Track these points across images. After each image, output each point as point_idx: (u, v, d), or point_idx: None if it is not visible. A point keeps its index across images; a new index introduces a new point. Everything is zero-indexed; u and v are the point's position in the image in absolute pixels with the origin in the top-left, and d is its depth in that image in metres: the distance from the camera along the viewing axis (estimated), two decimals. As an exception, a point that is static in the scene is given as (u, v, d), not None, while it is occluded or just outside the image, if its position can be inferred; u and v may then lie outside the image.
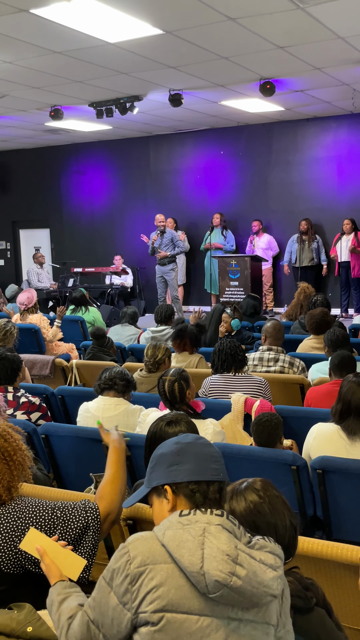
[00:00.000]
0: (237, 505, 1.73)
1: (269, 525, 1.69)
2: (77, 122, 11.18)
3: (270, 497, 1.74)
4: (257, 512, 1.70)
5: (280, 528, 1.70)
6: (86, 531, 2.16)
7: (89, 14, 5.82)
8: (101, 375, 3.92)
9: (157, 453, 1.73)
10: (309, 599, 1.67)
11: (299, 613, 1.65)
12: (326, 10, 5.88)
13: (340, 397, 3.19)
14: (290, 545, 1.73)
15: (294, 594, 1.65)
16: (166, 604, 1.47)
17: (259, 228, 11.76)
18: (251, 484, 1.77)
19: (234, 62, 7.62)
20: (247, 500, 1.73)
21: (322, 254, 11.29)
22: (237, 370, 4.43)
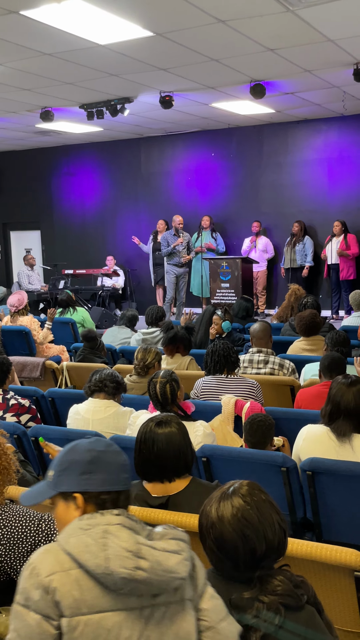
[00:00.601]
0: (224, 512, 1.72)
1: (257, 533, 1.69)
2: (67, 124, 11.16)
3: (257, 502, 1.73)
4: (246, 520, 1.70)
5: (269, 534, 1.70)
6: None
7: (79, 16, 5.82)
8: (91, 378, 3.91)
9: (69, 458, 1.74)
10: (300, 597, 1.68)
11: (290, 611, 1.65)
12: (316, 13, 5.89)
13: (330, 399, 3.20)
14: (280, 546, 1.73)
15: (285, 593, 1.66)
16: (80, 608, 1.51)
17: (259, 229, 11.76)
18: (237, 490, 1.76)
19: (224, 64, 7.63)
20: (233, 507, 1.72)
21: (309, 255, 11.29)
22: (230, 372, 4.44)
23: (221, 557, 1.71)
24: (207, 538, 1.74)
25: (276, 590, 1.65)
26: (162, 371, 3.55)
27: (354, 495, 3.01)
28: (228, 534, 1.69)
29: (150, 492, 2.56)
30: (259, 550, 1.68)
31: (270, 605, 1.63)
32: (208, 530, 1.74)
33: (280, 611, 1.63)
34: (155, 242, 12.34)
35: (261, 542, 1.68)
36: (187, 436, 2.62)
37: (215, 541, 1.71)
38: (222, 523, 1.71)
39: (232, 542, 1.69)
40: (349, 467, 2.98)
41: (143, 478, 2.60)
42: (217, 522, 1.71)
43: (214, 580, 1.75)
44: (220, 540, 1.70)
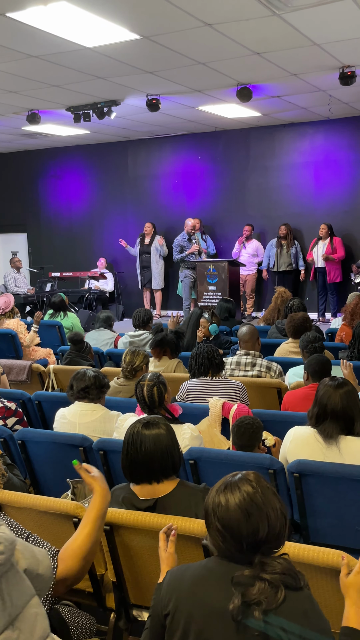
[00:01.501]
0: (231, 497, 1.79)
1: (261, 514, 1.76)
2: (54, 127, 11.14)
3: (262, 487, 1.82)
4: (251, 500, 1.78)
5: (272, 517, 1.78)
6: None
7: (66, 18, 5.81)
8: (72, 385, 3.87)
9: None
10: (299, 579, 1.76)
11: (289, 589, 1.72)
12: (302, 17, 5.92)
13: (317, 401, 3.20)
14: (280, 533, 1.81)
15: (285, 572, 1.74)
16: None
17: (250, 233, 11.78)
18: (245, 476, 1.85)
19: (211, 67, 7.65)
20: (241, 490, 1.80)
21: (300, 259, 11.36)
22: (215, 375, 4.44)
23: (225, 535, 1.78)
24: (212, 517, 1.81)
25: (276, 569, 1.74)
26: (150, 374, 3.55)
27: (341, 498, 3.02)
28: (234, 512, 1.77)
29: (137, 494, 2.55)
30: (261, 531, 1.76)
31: (271, 582, 1.70)
32: (214, 509, 1.81)
33: (281, 589, 1.70)
34: (142, 245, 12.34)
35: (264, 523, 1.76)
36: (175, 438, 2.62)
37: (221, 519, 1.78)
38: (229, 502, 1.79)
39: (236, 519, 1.76)
40: (335, 469, 2.98)
41: (130, 480, 2.60)
42: (224, 501, 1.80)
43: (215, 564, 1.82)
44: (226, 518, 1.78)
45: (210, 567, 1.84)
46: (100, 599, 2.78)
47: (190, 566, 1.90)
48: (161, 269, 12.39)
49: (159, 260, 12.31)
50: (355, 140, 11.18)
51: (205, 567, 1.85)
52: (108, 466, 3.57)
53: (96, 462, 3.63)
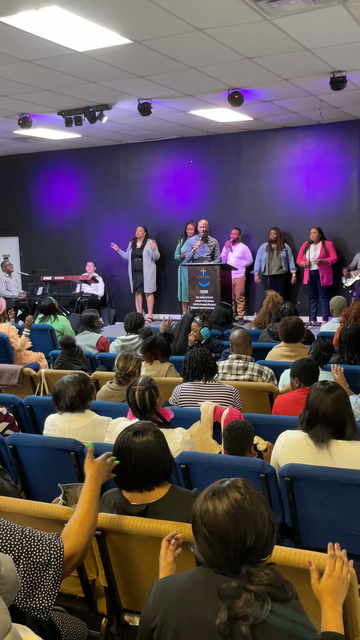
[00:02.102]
0: (219, 504, 1.77)
1: (249, 521, 1.74)
2: (46, 130, 11.14)
3: (251, 494, 1.79)
4: (239, 507, 1.75)
5: (259, 525, 1.75)
6: (47, 568, 2.08)
7: (58, 23, 5.81)
8: (57, 396, 3.84)
9: None
10: (286, 590, 1.72)
11: (276, 602, 1.69)
12: (292, 22, 5.95)
13: (308, 405, 3.21)
14: (268, 542, 1.78)
15: (272, 583, 1.70)
16: None
17: (237, 236, 11.82)
18: (233, 482, 1.83)
19: (202, 72, 7.67)
20: (229, 497, 1.77)
21: (291, 262, 11.40)
22: (208, 379, 4.45)
23: (212, 542, 1.75)
24: (200, 524, 1.78)
25: (263, 581, 1.70)
26: (141, 378, 3.54)
27: (332, 501, 3.03)
28: (221, 519, 1.74)
29: (129, 500, 2.55)
30: (249, 539, 1.72)
31: (258, 594, 1.67)
32: (202, 515, 1.78)
33: (268, 601, 1.67)
34: (134, 248, 12.34)
35: (252, 530, 1.73)
36: (165, 444, 2.62)
37: (208, 526, 1.75)
38: (216, 509, 1.76)
39: (224, 527, 1.73)
40: (327, 472, 2.99)
41: (122, 488, 2.59)
42: (212, 508, 1.77)
43: (202, 575, 1.79)
44: (214, 525, 1.75)
45: (197, 579, 1.80)
46: (92, 604, 2.77)
47: (176, 577, 1.87)
48: (153, 273, 12.40)
49: (151, 264, 12.31)
50: (346, 144, 11.23)
51: (192, 578, 1.81)
52: (99, 471, 3.57)
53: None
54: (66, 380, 3.84)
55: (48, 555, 2.09)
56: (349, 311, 6.16)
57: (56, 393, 3.83)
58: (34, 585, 2.06)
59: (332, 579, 1.94)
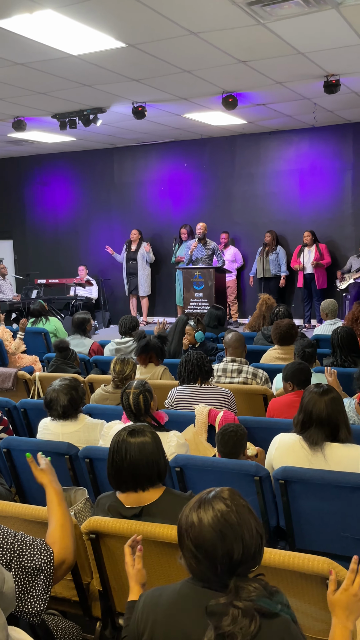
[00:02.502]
0: (204, 515, 1.73)
1: (235, 535, 1.70)
2: (40, 134, 11.13)
3: (237, 506, 1.75)
4: (225, 521, 1.71)
5: (247, 537, 1.71)
6: (38, 573, 2.07)
7: (52, 26, 5.82)
8: (50, 407, 3.83)
9: None
10: (274, 605, 1.68)
11: (265, 617, 1.65)
12: (286, 26, 5.97)
13: (302, 408, 3.22)
14: (256, 553, 1.74)
15: (259, 600, 1.66)
16: None
17: (227, 240, 11.85)
18: (219, 493, 1.77)
19: (196, 75, 7.69)
20: (214, 509, 1.73)
21: (283, 265, 11.40)
22: (203, 382, 4.46)
23: (199, 557, 1.71)
24: (185, 538, 1.74)
25: (251, 596, 1.66)
26: (135, 381, 3.54)
27: (326, 504, 3.03)
28: (207, 534, 1.70)
29: (123, 502, 2.55)
30: (236, 552, 1.69)
31: (246, 612, 1.63)
32: (187, 530, 1.74)
33: (256, 618, 1.63)
34: (129, 251, 12.34)
35: (239, 544, 1.69)
36: (161, 445, 2.62)
37: (195, 540, 1.71)
38: (202, 523, 1.71)
39: (211, 541, 1.69)
40: (321, 475, 3.00)
41: (116, 488, 2.59)
42: (197, 521, 1.72)
43: (190, 590, 1.75)
44: (200, 540, 1.70)
45: (184, 594, 1.76)
46: (86, 608, 2.77)
47: (164, 591, 1.83)
48: (148, 276, 12.40)
49: (146, 267, 12.31)
50: (340, 148, 11.27)
51: (179, 593, 1.78)
52: (94, 474, 3.57)
53: (82, 470, 3.63)
54: (57, 388, 3.81)
55: (39, 560, 2.07)
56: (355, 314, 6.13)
57: (48, 401, 3.81)
58: (26, 590, 2.05)
59: (348, 594, 1.85)
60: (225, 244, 11.82)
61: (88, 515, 2.96)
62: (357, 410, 3.90)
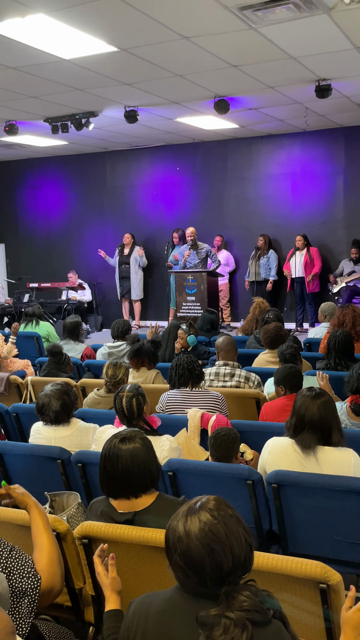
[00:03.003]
0: (192, 528, 1.71)
1: (224, 548, 1.68)
2: (32, 137, 11.13)
3: (224, 517, 1.73)
4: (213, 534, 1.69)
5: (236, 549, 1.69)
6: (23, 596, 2.02)
7: (44, 30, 5.82)
8: (42, 412, 3.82)
9: None
10: (266, 612, 1.67)
11: (257, 626, 1.64)
12: (277, 31, 5.99)
13: (295, 412, 3.22)
14: (246, 562, 1.73)
15: (251, 609, 1.65)
16: None
17: (221, 243, 11.86)
18: (205, 504, 1.75)
19: (188, 79, 7.70)
20: (201, 521, 1.71)
21: (273, 269, 11.40)
22: (194, 385, 4.46)
23: (188, 572, 1.69)
24: (173, 553, 1.72)
25: (242, 606, 1.64)
26: (129, 385, 3.54)
27: (319, 508, 3.04)
28: (195, 548, 1.68)
29: (116, 508, 2.54)
30: (225, 565, 1.67)
31: (237, 622, 1.62)
32: (175, 545, 1.72)
33: (248, 627, 1.62)
34: (121, 255, 12.34)
35: (228, 557, 1.67)
36: (152, 451, 2.61)
37: (183, 556, 1.69)
38: (189, 537, 1.69)
39: (199, 556, 1.67)
40: (313, 479, 3.00)
41: (108, 495, 2.58)
42: (184, 536, 1.70)
43: (180, 597, 1.74)
44: (188, 555, 1.68)
45: (175, 602, 1.75)
46: (79, 613, 2.76)
47: (154, 599, 1.81)
48: (140, 280, 12.40)
49: (138, 271, 12.31)
50: (331, 152, 11.31)
51: (169, 601, 1.76)
52: (87, 478, 3.56)
53: (74, 475, 3.62)
54: (49, 393, 3.80)
55: (26, 584, 2.03)
56: (342, 318, 6.14)
57: (40, 406, 3.80)
58: (11, 609, 2.01)
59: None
60: (218, 247, 11.83)
61: (81, 520, 2.95)
62: (348, 414, 3.91)
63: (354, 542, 2.99)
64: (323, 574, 2.16)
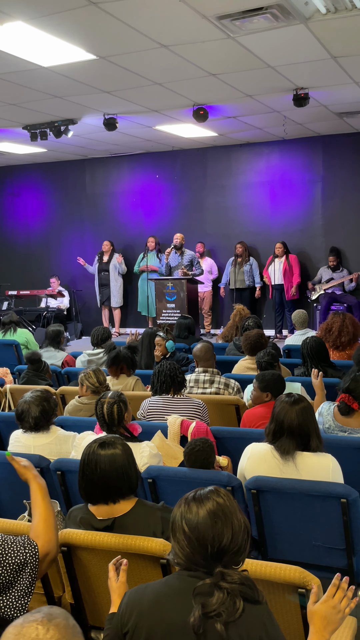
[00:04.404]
0: (201, 504, 1.86)
1: (226, 520, 1.84)
2: (10, 145, 11.09)
3: (231, 501, 1.90)
4: (219, 507, 1.86)
5: (235, 526, 1.84)
6: (24, 568, 2.12)
7: (22, 38, 5.81)
8: (21, 419, 3.80)
9: None
10: (257, 590, 1.80)
11: (247, 602, 1.76)
12: (255, 40, 6.05)
13: (274, 417, 3.24)
14: (242, 546, 1.85)
15: (243, 582, 1.78)
16: None
17: (203, 250, 11.88)
18: (216, 489, 1.93)
19: (167, 88, 7.74)
20: (211, 499, 1.88)
21: (257, 276, 11.48)
22: (176, 392, 4.45)
23: (192, 539, 1.82)
24: (180, 521, 1.86)
25: (235, 579, 1.78)
26: (111, 392, 3.54)
27: (298, 513, 3.05)
28: (202, 516, 1.84)
29: (95, 514, 2.54)
30: (225, 537, 1.82)
31: (230, 592, 1.75)
32: (183, 514, 1.87)
33: (239, 599, 1.74)
34: (100, 262, 12.32)
35: (228, 530, 1.83)
36: (132, 457, 2.61)
37: (189, 522, 1.84)
38: (199, 508, 1.86)
39: (204, 523, 1.83)
40: (292, 484, 3.02)
41: (87, 500, 2.58)
42: (194, 506, 1.87)
43: (176, 580, 1.86)
44: (194, 521, 1.84)
45: (170, 584, 1.86)
46: (58, 622, 2.73)
47: (149, 584, 1.92)
48: (120, 287, 12.38)
49: (118, 278, 12.30)
50: (309, 160, 11.41)
51: (165, 583, 1.88)
52: (66, 486, 3.54)
53: (54, 483, 3.60)
54: (28, 399, 3.79)
55: (23, 554, 2.13)
56: (329, 325, 6.13)
57: (19, 413, 3.79)
58: (9, 585, 2.08)
59: (327, 605, 1.93)
60: (201, 254, 11.84)
61: (60, 528, 2.94)
62: (335, 415, 3.92)
63: (333, 547, 3.01)
64: (302, 579, 2.17)
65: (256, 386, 4.29)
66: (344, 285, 10.85)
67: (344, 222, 11.23)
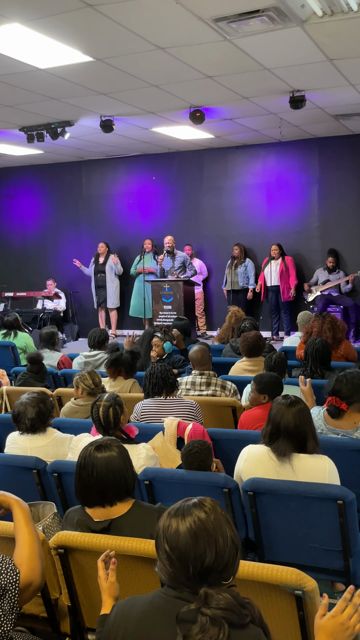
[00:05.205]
0: (182, 521, 1.76)
1: (209, 539, 1.72)
2: (7, 146, 11.08)
3: (216, 514, 1.78)
4: (201, 524, 1.74)
5: (220, 544, 1.73)
6: (3, 594, 2.00)
7: (19, 40, 5.81)
8: (18, 420, 3.80)
9: None
10: (243, 615, 1.69)
11: (233, 628, 1.66)
12: (252, 42, 6.06)
13: (270, 419, 3.24)
14: (229, 564, 1.75)
15: (227, 608, 1.67)
16: None
17: (191, 252, 11.92)
18: (200, 501, 1.81)
19: (164, 90, 7.74)
20: (193, 515, 1.76)
21: (251, 277, 11.48)
22: (169, 394, 4.46)
23: (173, 558, 1.73)
24: (162, 539, 1.77)
25: (219, 604, 1.66)
26: (107, 394, 3.53)
27: (294, 515, 3.05)
28: (182, 535, 1.73)
29: (92, 516, 2.54)
30: (208, 557, 1.71)
31: (213, 620, 1.64)
32: (164, 531, 1.77)
33: (224, 626, 1.63)
34: (97, 264, 12.32)
35: (212, 549, 1.71)
36: (128, 459, 2.61)
37: (169, 541, 1.74)
38: (178, 525, 1.75)
39: (184, 542, 1.72)
40: (289, 486, 3.02)
41: (84, 503, 2.58)
42: (174, 524, 1.76)
43: (161, 600, 1.76)
44: (174, 541, 1.73)
45: (156, 603, 1.78)
46: (55, 624, 2.74)
47: (136, 602, 1.84)
48: (116, 288, 12.38)
49: (114, 279, 12.30)
50: (305, 162, 11.43)
51: (151, 603, 1.79)
52: (62, 488, 3.54)
53: (50, 485, 3.60)
54: (25, 401, 3.79)
55: (4, 580, 2.02)
56: (309, 328, 6.17)
57: (16, 415, 3.79)
58: None
59: (335, 621, 1.81)
60: (190, 256, 11.85)
61: (57, 530, 2.94)
62: (325, 419, 3.93)
63: (329, 549, 3.02)
64: (298, 581, 2.17)
65: (254, 388, 4.30)
66: (340, 287, 10.87)
67: (340, 224, 11.25)
